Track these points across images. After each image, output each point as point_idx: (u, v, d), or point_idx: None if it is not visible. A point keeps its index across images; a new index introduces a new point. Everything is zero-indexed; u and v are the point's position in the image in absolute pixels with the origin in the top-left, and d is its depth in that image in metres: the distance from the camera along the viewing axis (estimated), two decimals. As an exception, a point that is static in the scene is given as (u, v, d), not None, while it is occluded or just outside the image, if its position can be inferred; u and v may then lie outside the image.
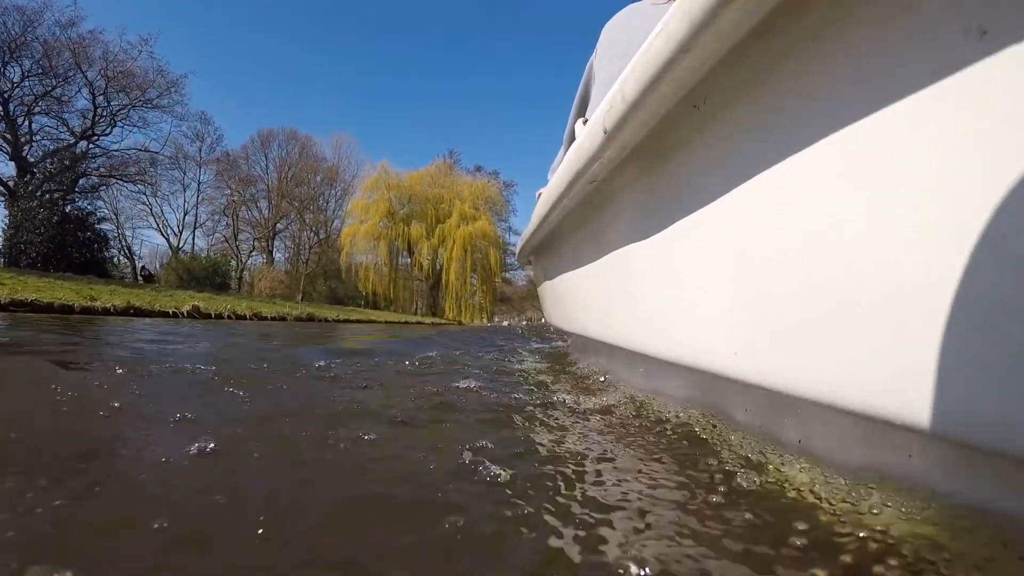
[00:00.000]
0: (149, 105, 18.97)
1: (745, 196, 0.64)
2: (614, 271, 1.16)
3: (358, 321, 15.20)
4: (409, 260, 30.92)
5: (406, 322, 18.96)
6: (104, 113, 18.02)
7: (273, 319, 11.00)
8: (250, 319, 10.18)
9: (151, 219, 25.86)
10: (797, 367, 0.56)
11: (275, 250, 30.95)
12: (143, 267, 20.88)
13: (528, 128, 69.28)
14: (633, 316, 1.06)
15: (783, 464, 0.67)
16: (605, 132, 0.83)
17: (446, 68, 67.93)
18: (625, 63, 0.83)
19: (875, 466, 0.55)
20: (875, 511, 0.53)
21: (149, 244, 25.50)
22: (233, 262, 28.04)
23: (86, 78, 17.05)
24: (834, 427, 0.60)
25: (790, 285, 0.57)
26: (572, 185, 1.12)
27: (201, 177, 27.64)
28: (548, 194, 1.41)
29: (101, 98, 17.69)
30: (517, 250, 2.73)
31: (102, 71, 17.16)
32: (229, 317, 9.72)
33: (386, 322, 17.34)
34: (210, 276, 20.31)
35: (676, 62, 0.60)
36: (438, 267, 30.53)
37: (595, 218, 1.27)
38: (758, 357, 0.63)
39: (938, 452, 0.49)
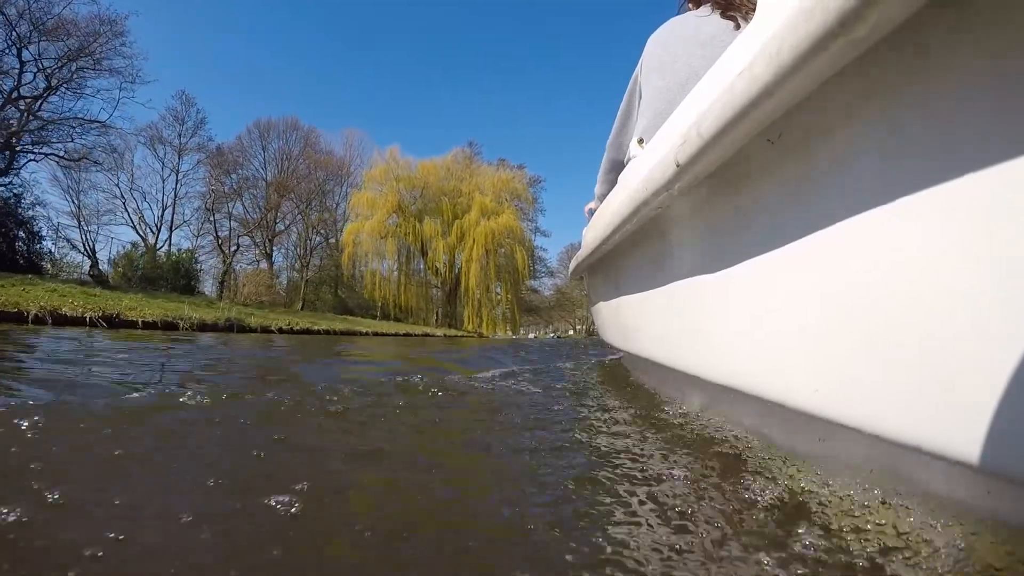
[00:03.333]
0: (92, 65, 15.18)
1: (819, 237, 0.63)
2: (680, 296, 1.13)
3: (327, 332, 10.74)
4: (423, 263, 26.67)
5: (407, 334, 14.48)
6: (31, 68, 14.31)
7: (147, 326, 6.61)
8: (89, 326, 5.82)
9: (126, 215, 22.36)
10: (883, 408, 0.53)
11: (276, 254, 27.18)
12: (91, 266, 17.23)
13: (557, 125, 65.29)
14: (699, 344, 1.04)
15: None
16: (678, 165, 0.83)
17: (469, 56, 64.92)
18: (673, 78, 1.14)
19: None
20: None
21: (124, 244, 21.53)
22: (223, 265, 24.35)
23: (7, 19, 13.32)
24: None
25: (867, 325, 0.56)
26: (636, 212, 1.12)
27: (181, 166, 23.98)
28: (606, 218, 1.41)
29: (28, 51, 13.98)
30: (570, 268, 2.67)
31: (25, 14, 13.47)
32: (41, 320, 5.37)
33: (375, 333, 12.89)
34: (169, 277, 16.40)
35: (758, 104, 0.60)
36: (456, 270, 26.13)
37: (658, 242, 1.23)
38: (833, 395, 0.61)
39: None
